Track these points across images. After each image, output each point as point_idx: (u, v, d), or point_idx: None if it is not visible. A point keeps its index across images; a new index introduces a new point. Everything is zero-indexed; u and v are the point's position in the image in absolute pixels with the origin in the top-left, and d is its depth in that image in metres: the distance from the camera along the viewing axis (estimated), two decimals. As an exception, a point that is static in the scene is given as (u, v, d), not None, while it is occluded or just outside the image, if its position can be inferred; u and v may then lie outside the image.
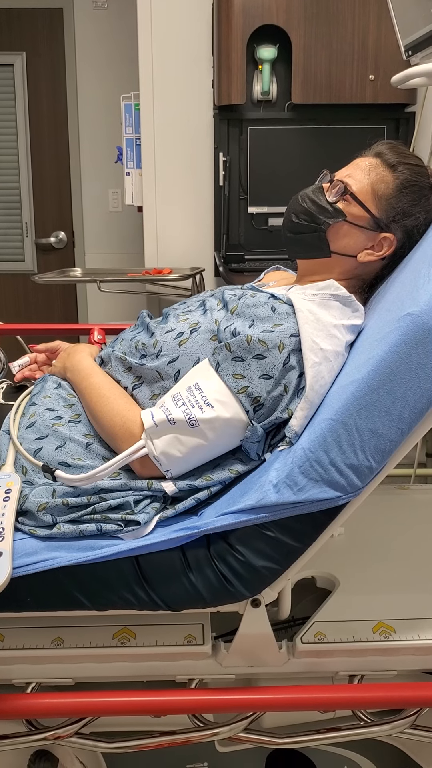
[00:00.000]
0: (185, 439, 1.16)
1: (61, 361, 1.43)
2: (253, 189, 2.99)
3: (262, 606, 1.19)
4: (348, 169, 1.36)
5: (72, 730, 1.22)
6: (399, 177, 1.32)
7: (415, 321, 1.04)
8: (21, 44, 3.91)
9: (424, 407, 1.06)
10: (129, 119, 3.13)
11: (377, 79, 2.80)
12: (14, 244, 4.15)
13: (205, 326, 1.27)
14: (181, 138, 3.07)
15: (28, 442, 1.26)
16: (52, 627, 1.26)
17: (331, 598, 1.33)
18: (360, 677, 1.26)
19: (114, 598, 1.15)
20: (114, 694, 1.16)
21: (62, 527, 1.15)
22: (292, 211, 1.37)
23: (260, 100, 2.91)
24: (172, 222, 3.15)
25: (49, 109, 3.99)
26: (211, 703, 1.17)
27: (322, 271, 1.36)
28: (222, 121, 2.94)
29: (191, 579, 1.13)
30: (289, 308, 1.22)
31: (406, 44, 1.81)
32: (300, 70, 2.79)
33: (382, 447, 1.07)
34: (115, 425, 1.23)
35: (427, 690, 1.16)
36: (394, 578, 1.39)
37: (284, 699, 1.16)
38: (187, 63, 3.00)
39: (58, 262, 4.09)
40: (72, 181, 4.08)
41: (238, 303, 1.26)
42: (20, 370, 1.54)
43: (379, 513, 1.61)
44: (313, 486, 1.07)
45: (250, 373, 1.17)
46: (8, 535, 1.10)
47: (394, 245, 1.33)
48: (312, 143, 2.93)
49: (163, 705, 1.17)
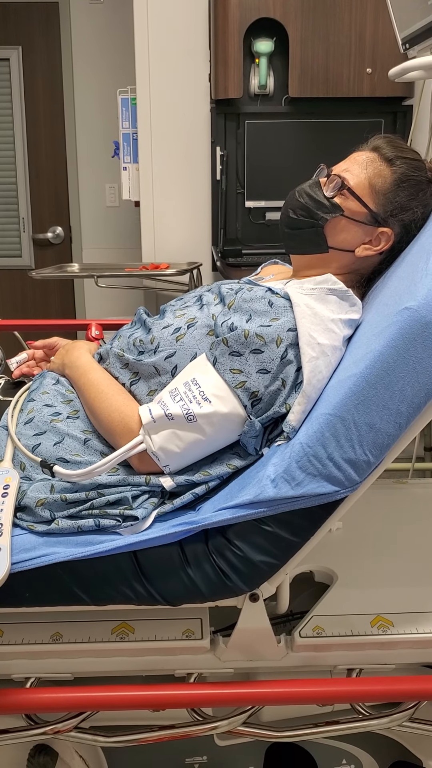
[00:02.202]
0: (183, 435, 1.16)
1: (60, 357, 1.43)
2: (251, 183, 2.99)
3: (260, 600, 1.19)
4: (345, 163, 1.36)
5: (71, 725, 1.22)
6: (396, 171, 1.31)
7: (412, 315, 1.04)
8: (17, 39, 3.89)
9: (422, 401, 1.06)
10: (125, 113, 3.12)
11: (374, 73, 2.79)
12: (11, 239, 4.14)
13: (202, 321, 1.27)
14: (177, 132, 3.06)
15: (27, 438, 1.26)
16: (51, 622, 1.26)
17: (330, 593, 1.33)
18: (358, 671, 1.26)
19: (113, 593, 1.15)
20: (113, 688, 1.16)
21: (60, 523, 1.15)
22: (290, 206, 1.37)
23: (257, 94, 2.91)
24: (169, 217, 3.15)
25: (45, 104, 3.98)
26: (210, 697, 1.17)
27: (320, 265, 1.36)
28: (219, 115, 2.93)
29: (189, 574, 1.13)
30: (286, 302, 1.22)
31: (403, 37, 1.81)
32: (297, 63, 2.78)
33: (380, 441, 1.07)
34: (113, 421, 1.23)
35: (425, 683, 1.16)
36: (392, 572, 1.39)
37: (283, 693, 1.16)
38: (184, 57, 2.99)
39: (55, 258, 4.08)
40: (69, 176, 4.07)
41: (235, 297, 1.26)
42: (18, 366, 1.54)
43: (377, 507, 1.61)
44: (310, 481, 1.07)
45: (248, 367, 1.17)
46: (7, 530, 1.10)
47: (392, 240, 1.33)
48: (309, 137, 2.93)
49: (162, 699, 1.17)
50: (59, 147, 4.03)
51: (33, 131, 4.00)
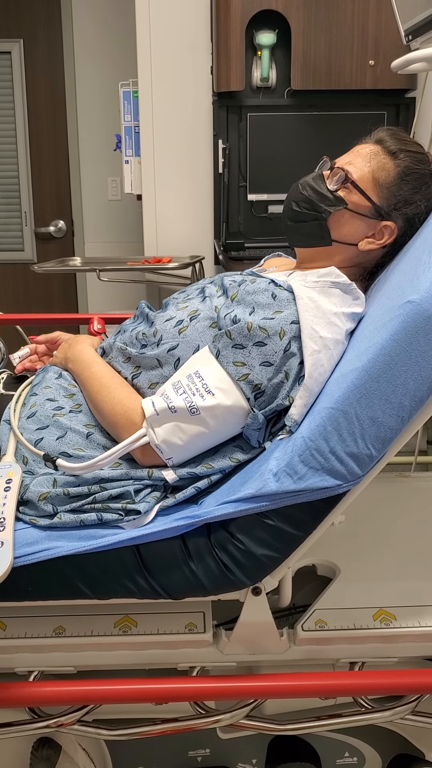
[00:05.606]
0: (186, 427, 1.16)
1: (63, 351, 1.43)
2: (253, 176, 2.98)
3: (262, 594, 1.20)
4: (348, 156, 1.35)
5: (74, 718, 1.22)
6: (400, 165, 1.31)
7: (415, 308, 1.04)
8: (18, 32, 3.87)
9: (425, 395, 1.06)
10: (127, 107, 3.11)
11: (377, 65, 2.77)
12: (14, 233, 4.13)
13: (204, 313, 1.27)
14: (179, 125, 3.05)
15: (29, 432, 1.26)
16: (54, 616, 1.26)
17: (332, 586, 1.33)
18: (361, 664, 1.26)
19: (115, 586, 1.15)
20: (116, 682, 1.16)
21: (63, 517, 1.15)
22: (293, 199, 1.37)
23: (259, 87, 2.89)
24: (171, 210, 3.14)
25: (47, 97, 3.96)
26: (213, 691, 1.18)
27: (323, 258, 1.36)
28: (221, 108, 2.92)
29: (192, 567, 1.13)
30: (289, 295, 1.22)
31: (406, 29, 1.80)
32: (299, 55, 2.77)
33: (383, 435, 1.07)
34: (116, 414, 1.23)
35: (427, 677, 1.16)
36: (394, 566, 1.39)
37: (285, 686, 1.16)
38: (186, 50, 2.98)
39: (57, 252, 4.08)
40: (71, 170, 4.06)
41: (238, 290, 1.26)
42: (21, 361, 1.54)
43: (380, 501, 1.61)
44: (313, 474, 1.07)
45: (251, 360, 1.16)
46: (9, 525, 1.10)
47: (395, 233, 1.32)
48: (312, 129, 2.92)
49: (164, 693, 1.17)
50: (61, 140, 4.02)
51: (35, 125, 3.99)
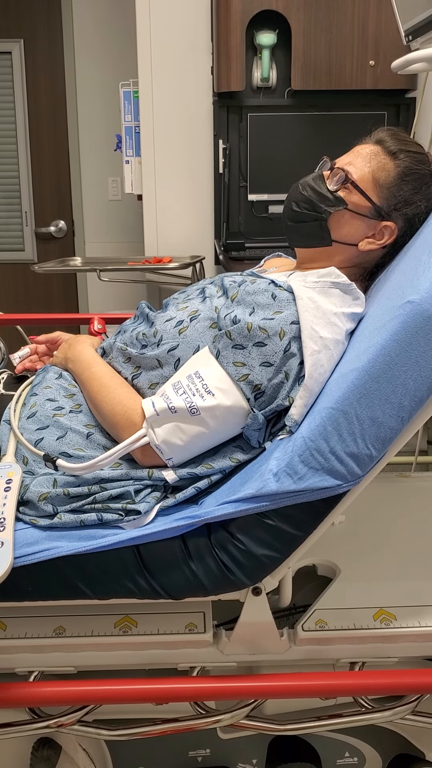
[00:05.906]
0: (186, 428, 1.16)
1: (63, 351, 1.43)
2: (253, 176, 2.98)
3: (263, 594, 1.20)
4: (348, 156, 1.35)
5: (75, 718, 1.22)
6: (400, 165, 1.31)
7: (415, 309, 1.04)
8: (19, 32, 3.88)
9: (425, 395, 1.06)
10: (128, 107, 3.11)
11: (377, 65, 2.77)
12: (14, 233, 4.13)
13: (204, 314, 1.27)
14: (180, 125, 3.05)
15: (29, 432, 1.26)
16: (54, 616, 1.26)
17: (332, 586, 1.33)
18: (361, 664, 1.26)
19: (115, 587, 1.15)
20: (116, 682, 1.16)
21: (63, 517, 1.15)
22: (293, 199, 1.37)
23: (260, 87, 2.89)
24: (171, 210, 3.14)
25: (47, 97, 3.96)
26: (213, 691, 1.17)
27: (323, 258, 1.36)
28: (221, 108, 2.92)
29: (192, 568, 1.13)
30: (289, 295, 1.22)
31: (406, 29, 1.80)
32: (300, 56, 2.77)
33: (383, 435, 1.07)
34: (116, 414, 1.23)
35: (427, 677, 1.16)
36: (394, 566, 1.39)
37: (286, 686, 1.16)
38: (186, 50, 2.98)
39: (57, 252, 4.08)
40: (71, 170, 4.06)
41: (238, 290, 1.26)
42: (21, 361, 1.54)
43: (380, 501, 1.61)
44: (313, 474, 1.07)
45: (251, 360, 1.16)
46: (9, 525, 1.10)
47: (395, 234, 1.32)
48: (312, 130, 2.92)
49: (165, 693, 1.17)
50: (62, 140, 4.02)
51: (35, 125, 3.99)
